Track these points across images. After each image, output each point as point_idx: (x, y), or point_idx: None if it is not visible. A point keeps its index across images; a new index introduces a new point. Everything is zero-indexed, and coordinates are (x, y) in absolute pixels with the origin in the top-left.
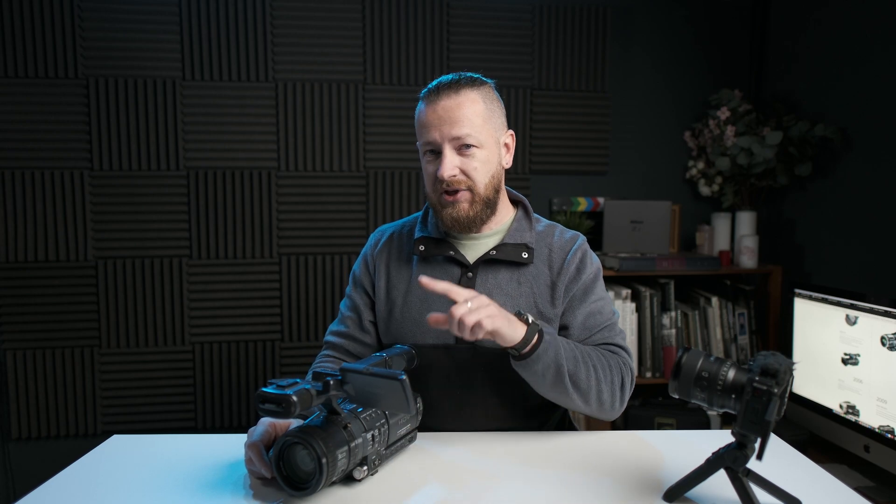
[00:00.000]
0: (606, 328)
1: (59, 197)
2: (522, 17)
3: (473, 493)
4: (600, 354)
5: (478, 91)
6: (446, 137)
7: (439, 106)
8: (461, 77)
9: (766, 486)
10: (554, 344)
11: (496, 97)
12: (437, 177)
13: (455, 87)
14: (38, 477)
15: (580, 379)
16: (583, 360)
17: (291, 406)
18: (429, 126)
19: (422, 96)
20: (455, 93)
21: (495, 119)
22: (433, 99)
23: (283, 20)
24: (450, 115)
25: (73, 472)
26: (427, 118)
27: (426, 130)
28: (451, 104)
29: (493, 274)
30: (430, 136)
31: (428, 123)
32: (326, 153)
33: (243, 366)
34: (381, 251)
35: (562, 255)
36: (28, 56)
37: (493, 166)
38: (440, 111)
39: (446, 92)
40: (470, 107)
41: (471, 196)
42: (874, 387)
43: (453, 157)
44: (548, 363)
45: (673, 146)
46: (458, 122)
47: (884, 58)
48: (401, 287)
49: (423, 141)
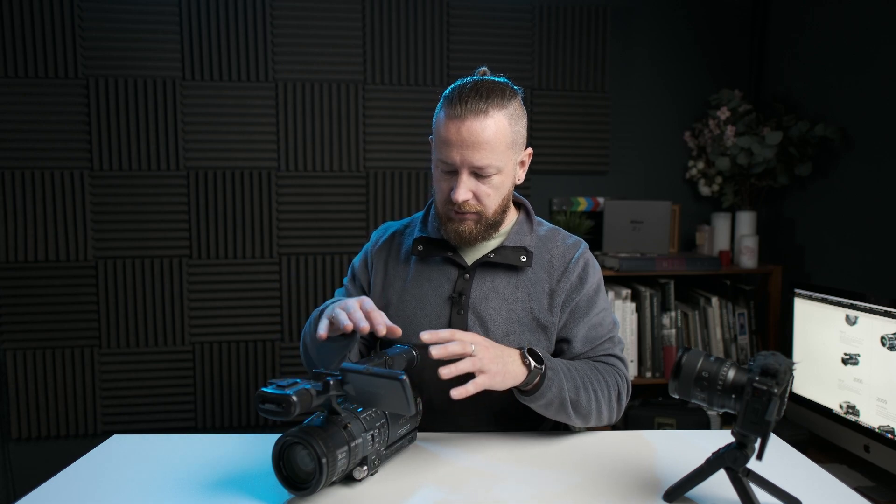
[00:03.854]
0: (608, 341)
1: (59, 197)
2: (522, 17)
3: (473, 493)
4: (598, 373)
5: (506, 112)
6: (466, 163)
7: (464, 127)
8: (492, 90)
9: (766, 486)
10: (557, 379)
11: (522, 113)
12: (449, 196)
13: (484, 107)
14: (38, 477)
15: (581, 405)
16: (583, 387)
17: (291, 406)
18: (450, 145)
19: (445, 101)
20: (483, 114)
21: (518, 142)
22: (458, 114)
23: (283, 20)
24: (474, 139)
25: (73, 472)
26: (449, 136)
27: (446, 148)
28: (476, 128)
29: (491, 277)
30: (450, 157)
31: (449, 142)
32: (326, 153)
33: (243, 366)
34: (380, 248)
35: (563, 262)
36: (28, 56)
37: (506, 189)
38: (464, 133)
39: (474, 111)
40: (495, 133)
41: (478, 217)
42: (874, 387)
43: (469, 181)
44: (551, 399)
45: (673, 146)
46: (481, 149)
47: (884, 58)
48: (397, 285)
49: (441, 158)
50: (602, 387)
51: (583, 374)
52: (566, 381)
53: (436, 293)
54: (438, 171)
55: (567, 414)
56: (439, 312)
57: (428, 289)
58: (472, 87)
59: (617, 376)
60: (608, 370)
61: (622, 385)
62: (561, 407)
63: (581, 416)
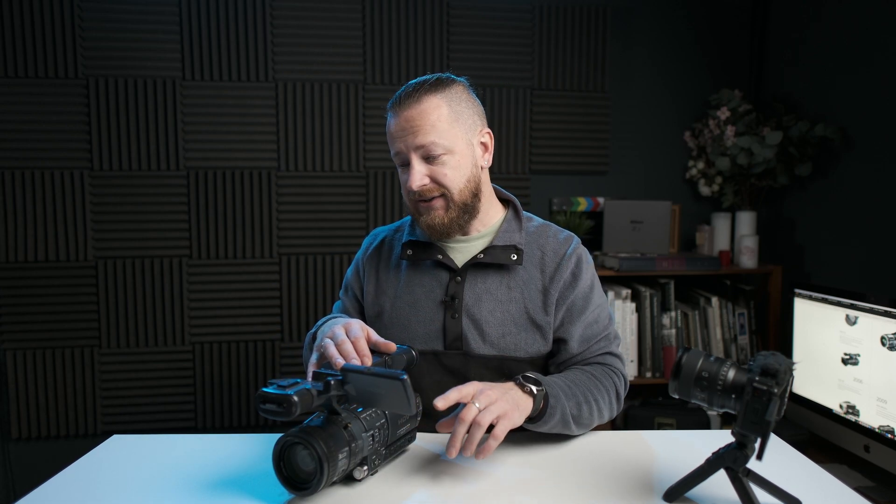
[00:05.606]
0: (603, 339)
1: (59, 197)
2: (522, 17)
3: (473, 494)
4: (595, 381)
5: (441, 95)
6: (411, 147)
7: (402, 116)
8: (424, 82)
9: (766, 486)
10: (560, 405)
11: (468, 97)
12: (410, 189)
13: (416, 96)
14: (38, 477)
15: (583, 419)
16: (584, 400)
17: (293, 406)
18: (394, 137)
19: (388, 107)
20: (416, 101)
21: (465, 120)
22: (397, 110)
23: (283, 20)
24: (412, 124)
25: (73, 472)
26: (392, 129)
27: (393, 142)
28: (412, 114)
29: (483, 278)
30: (397, 147)
31: (394, 135)
32: (326, 153)
33: (243, 366)
34: (371, 256)
35: (555, 259)
36: (28, 56)
37: (466, 170)
38: (403, 122)
39: (407, 101)
40: (433, 113)
41: (445, 202)
42: (874, 387)
43: (421, 166)
44: (554, 423)
45: (673, 146)
46: (420, 131)
47: (884, 57)
48: (389, 292)
49: (393, 152)
50: (602, 393)
51: (582, 387)
52: (568, 401)
53: (428, 298)
54: (400, 171)
55: (570, 429)
56: (433, 317)
57: (420, 294)
58: (409, 86)
59: (613, 376)
60: (605, 372)
61: (619, 383)
62: (564, 427)
63: (583, 427)
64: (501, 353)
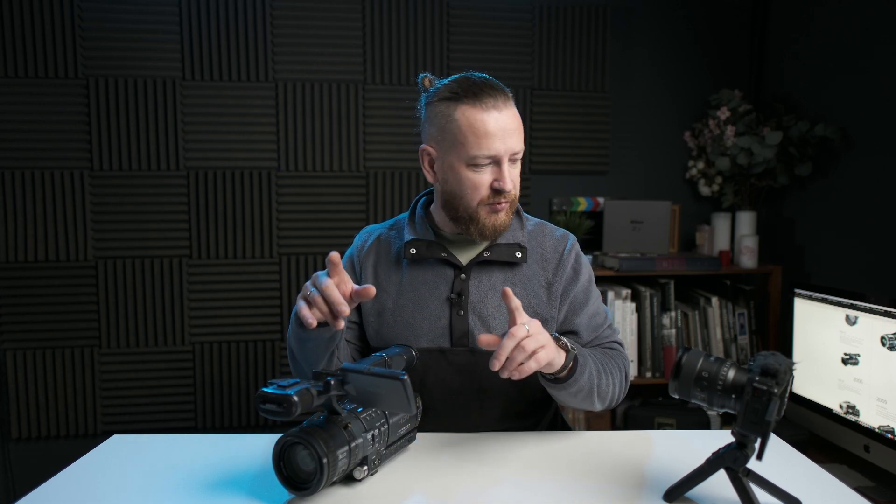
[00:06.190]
0: (608, 328)
1: (59, 197)
2: (522, 17)
3: (473, 494)
4: (611, 358)
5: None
6: (509, 150)
7: (502, 116)
8: (499, 86)
9: (766, 486)
10: (588, 365)
11: None
12: (491, 187)
13: (503, 99)
14: (38, 477)
15: (603, 390)
16: (605, 371)
17: (293, 406)
18: (491, 136)
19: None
20: (507, 105)
21: None
22: (493, 105)
23: (283, 20)
24: (511, 127)
25: (73, 472)
26: (488, 128)
27: (488, 140)
28: (508, 117)
29: (487, 275)
30: (494, 148)
31: (490, 133)
32: (326, 153)
33: (243, 366)
34: (367, 253)
35: (555, 255)
36: (28, 56)
37: None
38: (503, 121)
39: (503, 101)
40: (519, 118)
41: (509, 206)
42: (874, 387)
43: (509, 169)
44: (582, 385)
45: (673, 146)
46: (516, 135)
47: (884, 57)
48: (391, 290)
49: (481, 153)
50: (616, 370)
51: (601, 359)
52: (592, 366)
53: (433, 295)
54: (468, 170)
55: (592, 400)
56: (439, 315)
57: (424, 292)
58: (482, 81)
59: (623, 360)
60: (616, 355)
61: (628, 367)
62: (588, 393)
63: (601, 400)
64: None
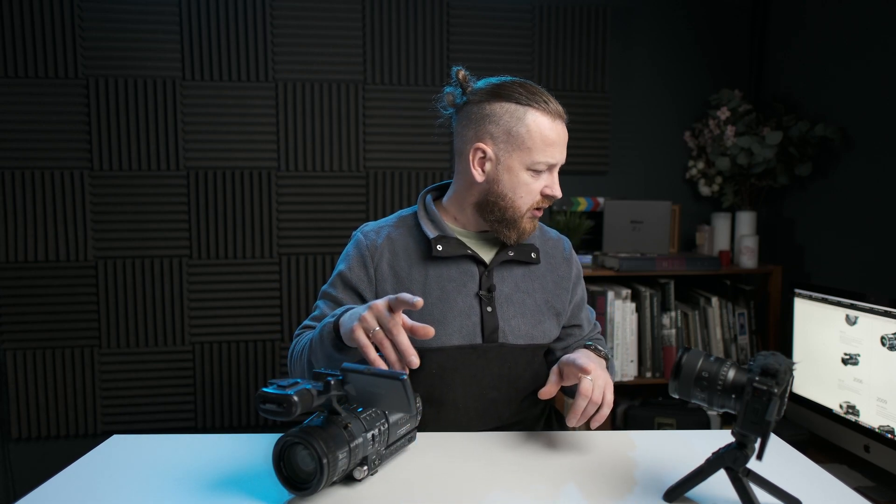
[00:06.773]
0: (596, 321)
1: (59, 197)
2: (522, 17)
3: (473, 493)
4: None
5: None
6: (562, 161)
7: (563, 128)
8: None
9: (766, 486)
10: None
11: None
12: (542, 193)
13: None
14: (38, 477)
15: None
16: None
17: (293, 406)
18: (554, 145)
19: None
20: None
21: None
22: (558, 115)
23: (283, 20)
24: (566, 138)
25: (73, 472)
26: (554, 137)
27: (551, 148)
28: (564, 129)
29: (509, 272)
30: (554, 156)
31: (553, 142)
32: (326, 153)
33: (243, 366)
34: (381, 251)
35: (559, 254)
36: (28, 56)
37: None
38: (563, 134)
39: (561, 113)
40: None
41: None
42: (874, 387)
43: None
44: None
45: (673, 146)
46: (565, 147)
47: (883, 57)
48: (414, 289)
49: (543, 159)
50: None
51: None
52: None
53: (461, 292)
54: (527, 174)
55: None
56: (469, 311)
57: (451, 289)
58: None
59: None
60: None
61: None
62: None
63: None
64: (532, 341)
